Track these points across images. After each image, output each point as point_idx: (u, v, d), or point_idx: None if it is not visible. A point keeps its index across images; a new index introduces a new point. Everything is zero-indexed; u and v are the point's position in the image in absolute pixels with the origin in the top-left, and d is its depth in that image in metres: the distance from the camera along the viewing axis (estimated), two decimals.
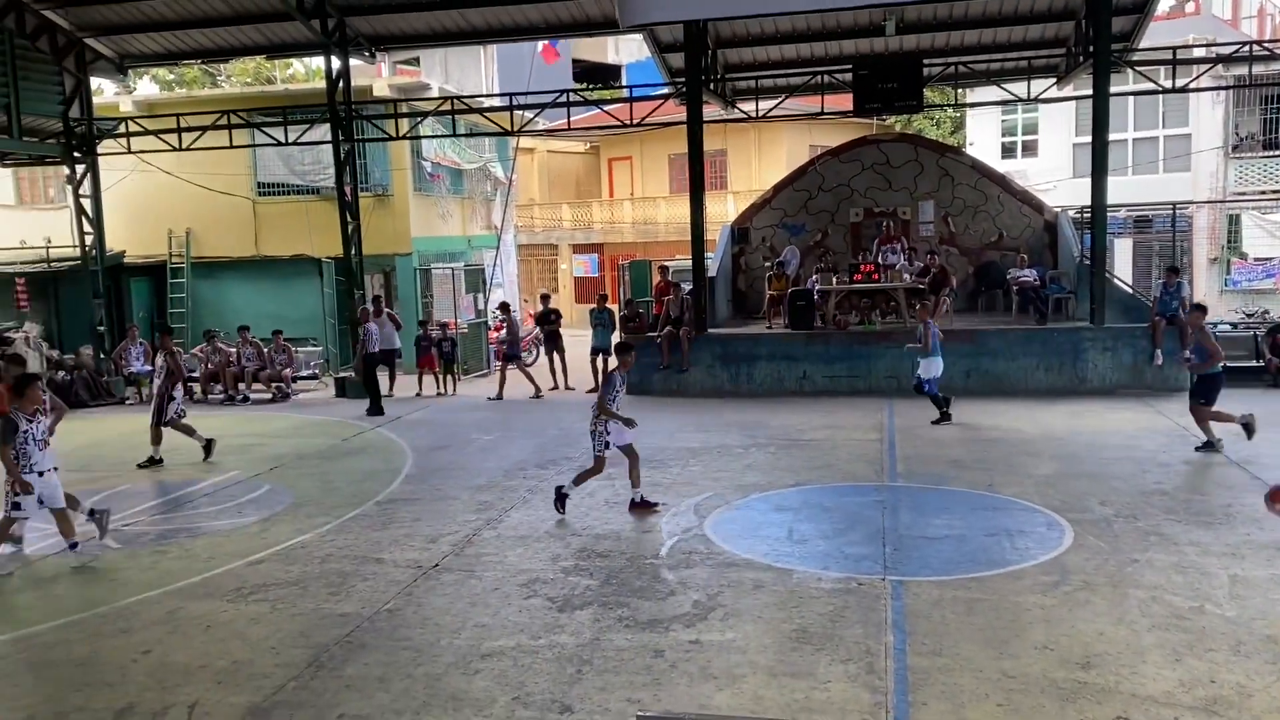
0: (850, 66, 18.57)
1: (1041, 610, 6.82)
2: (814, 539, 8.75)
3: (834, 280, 18.05)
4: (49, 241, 22.05)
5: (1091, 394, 15.76)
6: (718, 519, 9.36)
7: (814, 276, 18.72)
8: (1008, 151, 30.80)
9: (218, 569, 8.41)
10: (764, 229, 21.24)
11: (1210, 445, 11.38)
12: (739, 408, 15.58)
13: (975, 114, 30.17)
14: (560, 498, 9.73)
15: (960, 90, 22.84)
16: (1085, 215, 17.73)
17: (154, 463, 12.76)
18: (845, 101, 20.17)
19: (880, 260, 18.44)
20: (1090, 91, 16.61)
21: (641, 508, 9.68)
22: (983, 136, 31.02)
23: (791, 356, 17.03)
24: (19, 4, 17.90)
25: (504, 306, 19.43)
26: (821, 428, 13.76)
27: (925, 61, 18.91)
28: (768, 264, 20.13)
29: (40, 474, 8.54)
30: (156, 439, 12.88)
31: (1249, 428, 11.52)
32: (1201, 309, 12.20)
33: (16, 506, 8.53)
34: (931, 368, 13.84)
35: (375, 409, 16.56)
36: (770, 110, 20.38)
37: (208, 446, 13.04)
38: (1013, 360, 16.37)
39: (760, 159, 33.54)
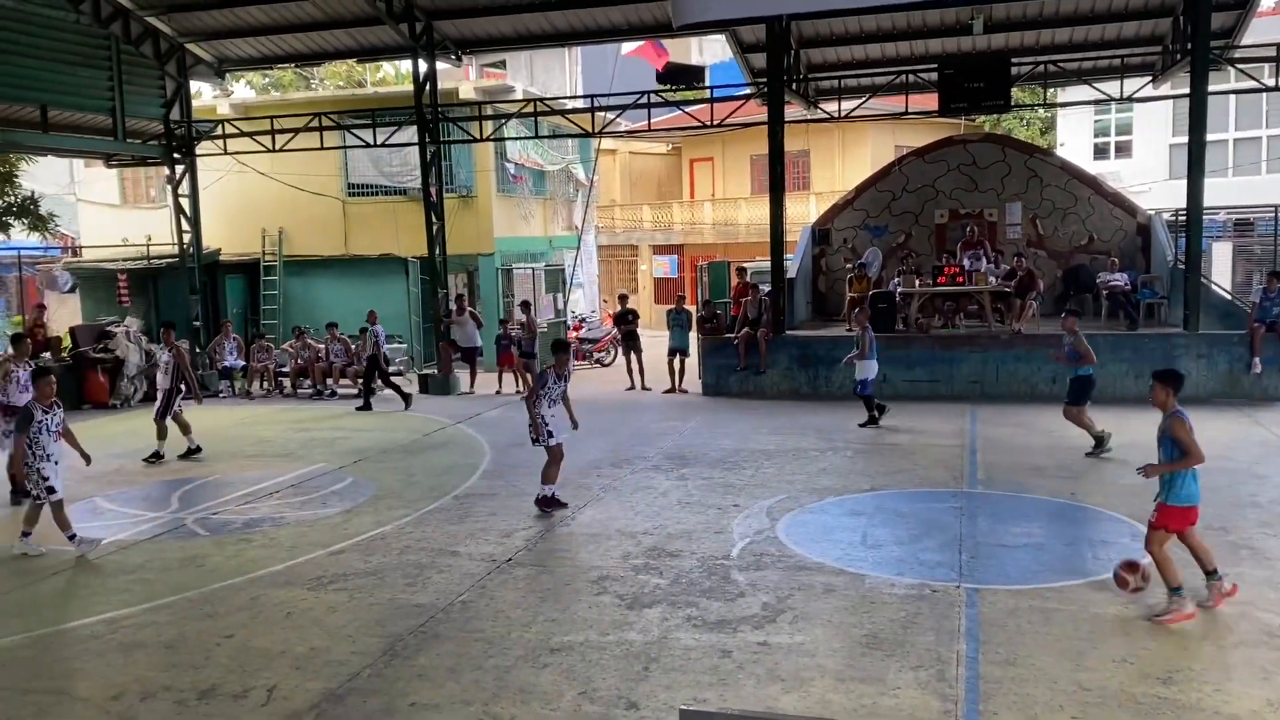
0: (936, 66, 18.28)
1: (1122, 623, 6.64)
2: (888, 544, 8.64)
3: (917, 282, 17.78)
4: (149, 239, 22.94)
5: (1184, 402, 15.09)
6: (790, 522, 9.31)
7: (896, 278, 18.46)
8: (1100, 152, 30.00)
9: (300, 558, 8.67)
10: (846, 230, 21.02)
11: None
12: (816, 410, 15.45)
13: (1066, 114, 29.44)
14: (545, 501, 9.90)
15: (1050, 90, 22.24)
16: (1181, 218, 17.14)
17: (158, 457, 13.01)
18: (930, 101, 19.86)
19: (964, 265, 18.09)
20: (1188, 90, 16.07)
21: (550, 503, 9.89)
22: (1074, 137, 30.26)
23: None
24: (125, 11, 18.65)
25: (525, 305, 19.61)
26: (901, 432, 13.57)
27: (1013, 60, 18.47)
28: (849, 265, 19.93)
29: (56, 462, 9.04)
30: (162, 433, 13.17)
31: None
32: None
33: (51, 490, 8.95)
34: (867, 369, 14.00)
35: (365, 405, 17.23)
36: (853, 110, 20.16)
37: (194, 451, 13.27)
38: (1101, 367, 15.80)
39: (844, 159, 33.19)
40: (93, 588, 8.09)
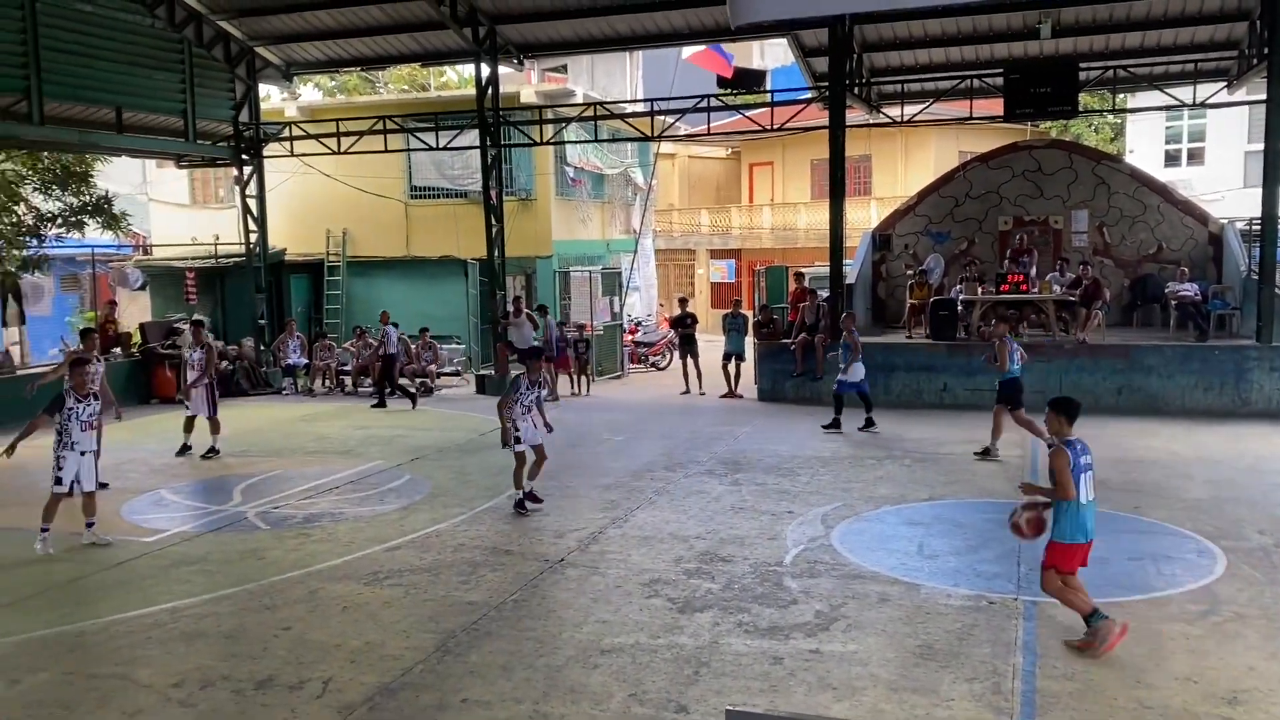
0: (1001, 71, 17.99)
1: (1186, 640, 6.47)
2: (945, 554, 8.53)
3: (979, 290, 17.51)
4: (217, 239, 23.47)
5: (1255, 416, 14.82)
6: (845, 529, 9.22)
7: (958, 285, 18.20)
8: (1172, 160, 29.31)
9: (357, 553, 8.79)
10: (907, 236, 20.79)
11: None
12: (874, 418, 15.26)
13: (1137, 120, 28.79)
14: (520, 503, 10.03)
15: (1120, 95, 21.78)
16: (1255, 227, 16.66)
17: (211, 450, 13.34)
18: (995, 106, 19.55)
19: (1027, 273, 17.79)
20: (1264, 96, 15.63)
21: (529, 498, 10.13)
22: (1145, 144, 29.60)
23: (931, 368, 16.62)
24: (198, 15, 19.11)
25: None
26: (960, 442, 13.37)
27: (1081, 65, 18.13)
28: (909, 272, 19.69)
29: (82, 453, 9.06)
30: (215, 428, 13.45)
31: None
32: None
33: (58, 481, 9.03)
34: (855, 372, 14.26)
35: (380, 403, 17.70)
36: (916, 115, 19.94)
37: (186, 450, 13.45)
38: (1169, 378, 15.55)
39: (906, 165, 32.84)
40: (157, 577, 8.28)
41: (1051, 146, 20.92)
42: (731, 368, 18.30)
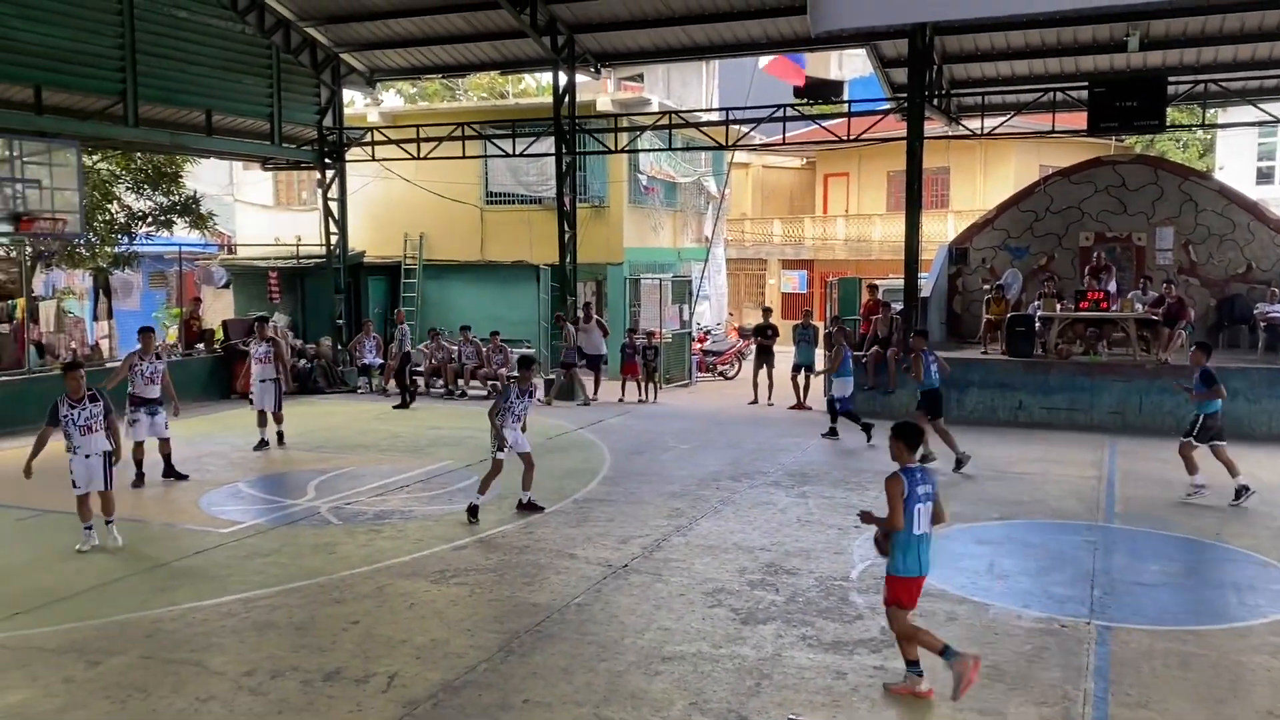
0: (1085, 84, 17.61)
1: (1268, 672, 6.25)
2: (1016, 575, 8.35)
3: (1058, 306, 17.13)
4: (299, 240, 24.03)
5: None
6: None
7: (1036, 301, 17.83)
8: (1264, 177, 28.37)
9: (425, 551, 8.93)
10: (985, 250, 20.45)
11: None
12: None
13: (1228, 136, 27.93)
14: (472, 509, 9.97)
15: (1210, 110, 21.14)
16: None
17: (280, 439, 14.01)
18: (1079, 120, 19.14)
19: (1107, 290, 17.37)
20: None
21: (528, 508, 10.22)
22: (1236, 160, 28.70)
23: (1007, 385, 16.31)
24: (287, 22, 19.64)
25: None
26: (1034, 461, 13.10)
27: (1170, 79, 17.67)
28: (986, 286, 19.37)
29: (87, 456, 8.99)
30: (279, 421, 14.07)
31: None
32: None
33: (74, 485, 9.03)
34: (842, 387, 14.69)
35: (403, 404, 18.08)
36: (997, 128, 19.62)
37: (264, 445, 13.89)
38: (1256, 403, 15.04)
39: (985, 178, 32.31)
40: (232, 568, 8.50)
41: (1136, 161, 20.41)
42: (800, 379, 18.17)
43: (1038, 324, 16.86)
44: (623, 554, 8.80)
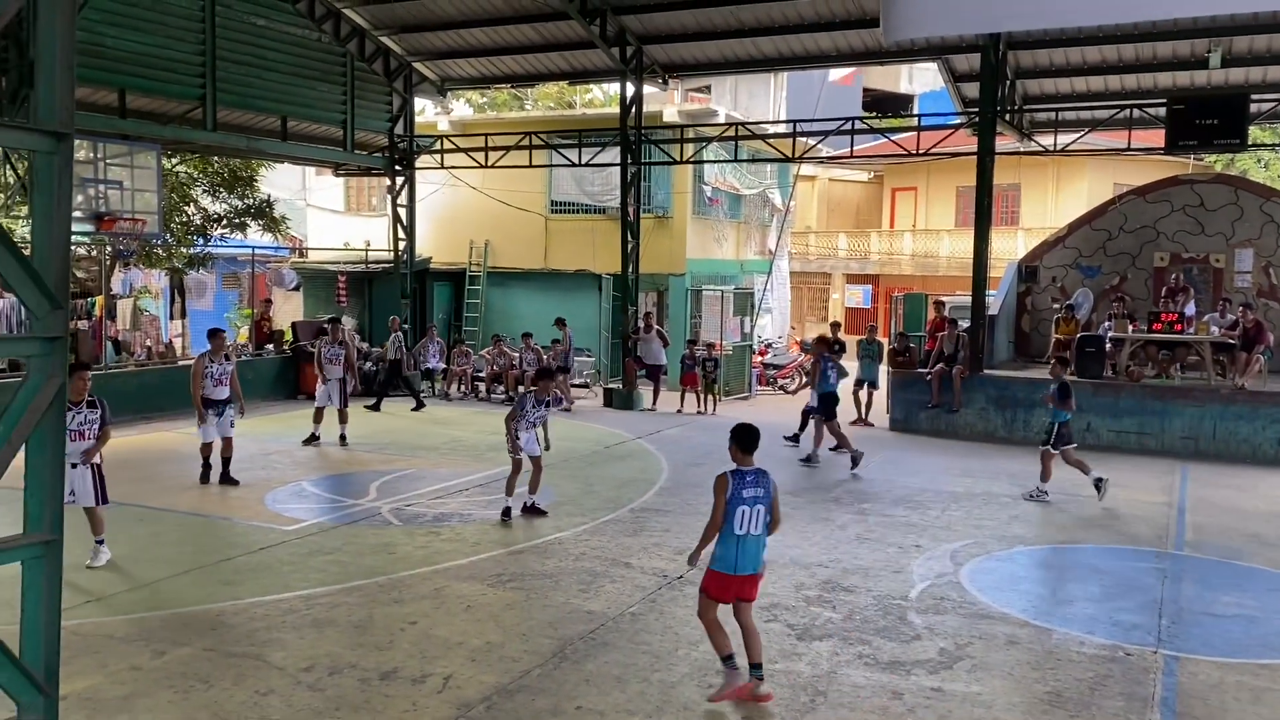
0: (1163, 101, 17.21)
1: None
2: (1080, 600, 8.16)
3: (1130, 327, 16.74)
4: (368, 245, 24.49)
5: None
6: (975, 568, 8.93)
7: (1107, 322, 17.46)
8: None
9: (482, 554, 9.00)
10: (1055, 268, 20.06)
11: None
12: (1011, 455, 14.76)
13: None
14: (505, 511, 10.31)
15: None
16: None
17: (342, 440, 14.43)
18: (1155, 138, 18.71)
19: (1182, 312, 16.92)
20: None
21: (532, 512, 10.45)
22: None
23: (1076, 406, 15.93)
24: (362, 31, 20.03)
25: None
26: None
27: (1253, 97, 17.19)
28: (1056, 305, 19.00)
29: (73, 465, 8.04)
30: (343, 419, 14.56)
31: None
32: None
33: (70, 494, 7.97)
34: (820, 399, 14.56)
35: (419, 405, 18.56)
36: (1070, 144, 19.25)
37: (314, 440, 14.48)
38: None
39: (1057, 195, 31.74)
40: (294, 565, 8.65)
41: (1216, 181, 19.88)
42: (863, 394, 17.98)
43: (1108, 345, 16.50)
44: (678, 564, 8.76)
